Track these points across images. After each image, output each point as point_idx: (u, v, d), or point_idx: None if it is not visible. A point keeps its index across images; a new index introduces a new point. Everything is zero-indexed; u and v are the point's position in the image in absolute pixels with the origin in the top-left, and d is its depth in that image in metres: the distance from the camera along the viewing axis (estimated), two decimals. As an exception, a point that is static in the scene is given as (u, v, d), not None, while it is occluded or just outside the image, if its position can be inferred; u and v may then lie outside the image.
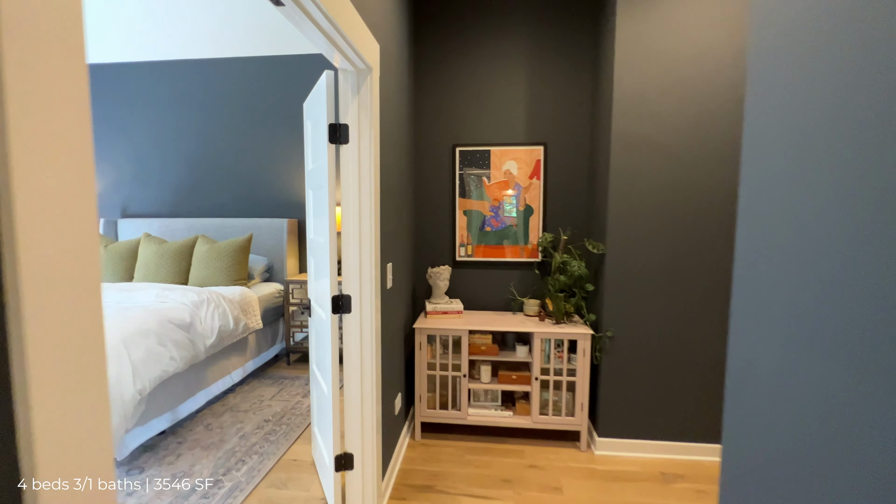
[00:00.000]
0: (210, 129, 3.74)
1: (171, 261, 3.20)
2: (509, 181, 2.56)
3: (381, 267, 1.74)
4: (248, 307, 3.00)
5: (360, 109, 1.58)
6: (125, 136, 3.82)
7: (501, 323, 2.32)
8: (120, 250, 3.28)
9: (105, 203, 3.92)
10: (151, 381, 2.05)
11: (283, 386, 3.00)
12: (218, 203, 3.80)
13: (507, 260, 2.59)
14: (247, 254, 3.27)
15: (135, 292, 2.63)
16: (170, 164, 3.81)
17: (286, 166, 3.70)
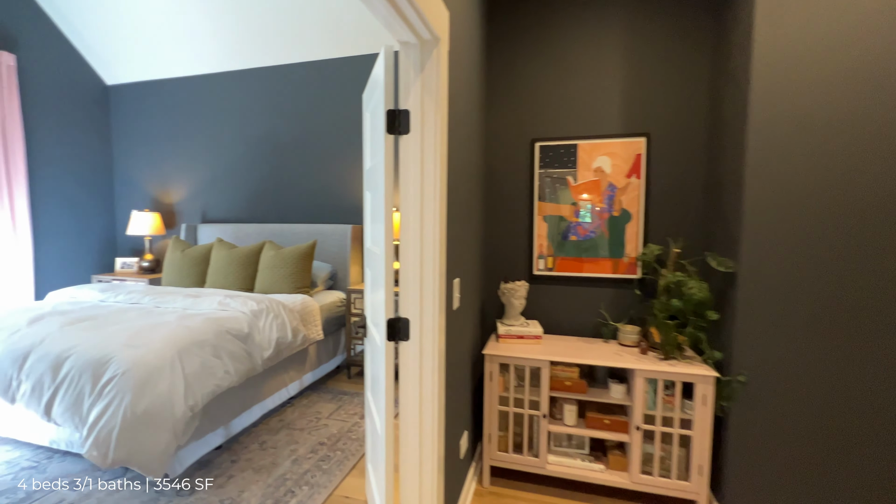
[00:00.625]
0: (279, 134, 3.75)
1: (239, 266, 3.19)
2: (600, 181, 2.13)
3: (446, 284, 1.42)
4: (309, 317, 2.87)
5: (423, 91, 1.29)
6: (207, 144, 3.96)
7: (591, 353, 1.89)
8: (194, 255, 3.35)
9: (187, 209, 4.10)
10: (204, 397, 1.93)
11: (341, 402, 2.82)
12: (285, 208, 3.79)
13: (597, 276, 2.15)
14: (310, 261, 3.16)
15: (201, 299, 2.60)
16: (244, 170, 3.88)
17: (349, 170, 3.57)
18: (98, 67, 4.09)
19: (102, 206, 4.22)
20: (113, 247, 4.33)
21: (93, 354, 1.89)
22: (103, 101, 4.20)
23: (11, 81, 3.43)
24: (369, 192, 1.63)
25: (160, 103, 4.08)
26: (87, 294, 2.83)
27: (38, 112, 3.68)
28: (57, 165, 3.84)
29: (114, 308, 2.48)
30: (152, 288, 2.98)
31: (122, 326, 2.13)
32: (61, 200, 3.88)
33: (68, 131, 3.91)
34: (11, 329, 2.15)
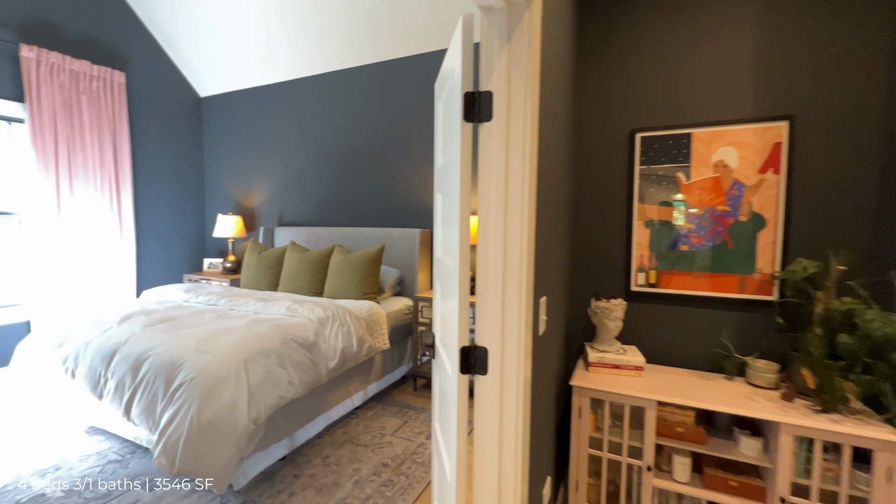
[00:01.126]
0: (350, 137, 3.72)
1: (310, 270, 3.17)
2: (722, 178, 1.71)
3: (532, 305, 1.16)
4: (375, 325, 2.75)
5: (510, 66, 1.03)
6: (284, 149, 4.07)
7: (712, 394, 1.50)
8: (269, 258, 3.41)
9: (266, 212, 4.24)
10: (267, 409, 1.85)
11: (407, 418, 2.65)
12: (356, 212, 3.75)
13: (715, 295, 1.73)
14: (378, 265, 3.05)
15: (271, 303, 2.58)
16: (317, 173, 3.91)
17: (419, 172, 3.42)
18: (193, 81, 4.40)
19: (194, 209, 4.53)
20: (202, 248, 4.63)
21: (167, 358, 1.89)
22: (196, 112, 4.51)
23: (121, 97, 3.78)
24: (440, 194, 1.42)
25: (243, 112, 4.28)
26: (173, 294, 2.97)
27: (142, 124, 4.03)
28: (157, 172, 4.17)
29: (193, 309, 2.55)
30: (229, 290, 3.06)
31: (197, 329, 2.14)
32: (160, 204, 4.21)
33: (167, 141, 4.25)
34: (104, 326, 2.27)
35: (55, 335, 2.32)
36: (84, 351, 2.14)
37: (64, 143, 3.42)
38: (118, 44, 3.81)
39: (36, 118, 3.25)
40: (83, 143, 3.55)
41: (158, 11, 3.86)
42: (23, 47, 3.16)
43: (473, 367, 1.09)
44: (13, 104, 3.22)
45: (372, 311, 2.76)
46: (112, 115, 3.73)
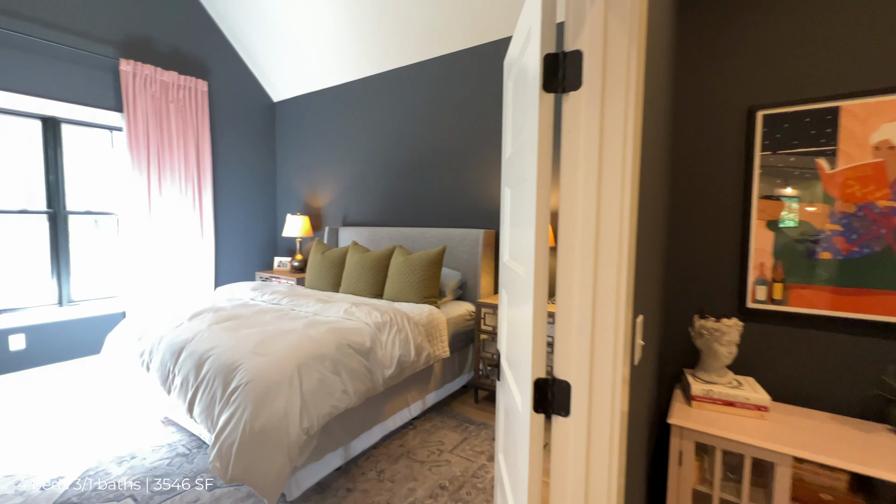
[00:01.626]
0: (412, 134, 3.60)
1: (370, 271, 3.10)
2: (887, 164, 1.30)
3: (629, 327, 0.89)
4: (435, 332, 2.58)
5: (608, 14, 0.78)
6: (347, 149, 4.08)
7: (871, 453, 1.11)
8: (332, 258, 3.40)
9: (331, 212, 4.29)
10: (320, 419, 1.75)
11: (467, 433, 2.45)
12: (417, 211, 3.63)
13: (874, 318, 1.32)
14: (439, 268, 2.89)
15: (330, 305, 2.52)
16: (379, 172, 3.86)
17: (483, 169, 3.21)
18: (267, 87, 4.59)
19: (266, 210, 4.73)
20: (273, 247, 4.82)
21: (226, 358, 1.87)
22: (270, 116, 4.70)
23: (204, 104, 4.02)
24: (509, 188, 1.20)
25: (312, 115, 4.37)
26: (242, 292, 3.05)
27: (221, 129, 4.26)
28: (234, 174, 4.40)
29: (256, 308, 2.57)
30: (293, 289, 3.07)
31: (257, 330, 2.12)
32: (236, 205, 4.43)
33: (243, 144, 4.46)
34: (176, 322, 2.34)
35: (136, 328, 2.45)
36: (157, 345, 2.21)
37: (154, 148, 3.69)
38: (202, 55, 4.05)
39: (132, 126, 3.53)
40: (170, 148, 3.81)
41: (237, 22, 4.05)
42: (122, 62, 3.46)
43: (551, 406, 0.86)
44: (114, 114, 3.53)
45: (432, 317, 2.60)
46: (195, 122, 3.98)
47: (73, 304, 3.42)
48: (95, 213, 3.57)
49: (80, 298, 3.49)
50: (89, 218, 3.55)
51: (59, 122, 3.31)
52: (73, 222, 3.44)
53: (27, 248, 3.24)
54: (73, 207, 3.43)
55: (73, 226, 3.45)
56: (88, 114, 3.39)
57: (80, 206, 3.48)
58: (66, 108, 3.28)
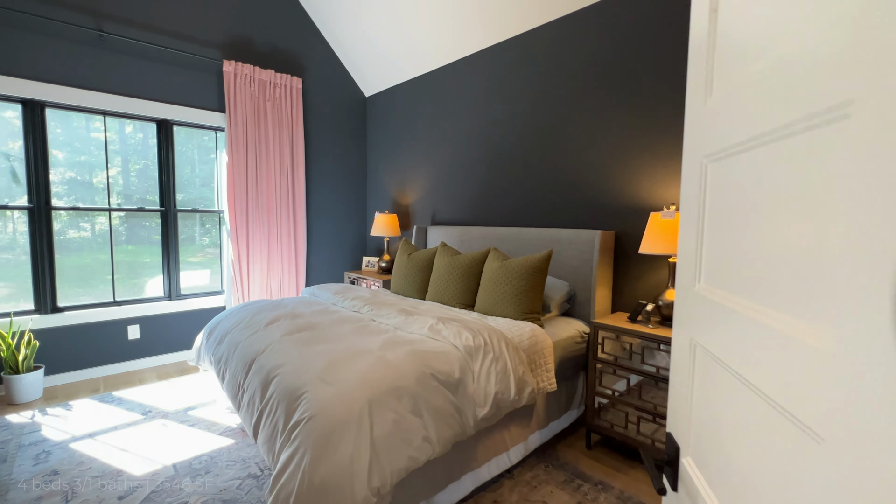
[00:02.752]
0: (511, 119, 3.09)
1: (460, 277, 2.67)
2: None
3: None
4: (539, 358, 2.06)
5: None
6: (438, 141, 3.72)
7: None
8: (419, 260, 3.05)
9: (419, 210, 3.98)
10: (394, 475, 1.36)
11: (580, 496, 1.89)
12: (514, 209, 3.11)
13: None
14: (543, 277, 2.35)
15: (414, 318, 2.15)
16: (472, 165, 3.43)
17: (602, 155, 2.58)
18: (360, 82, 4.45)
19: (357, 207, 4.61)
20: (363, 246, 4.69)
21: (291, 381, 1.58)
22: (362, 112, 4.56)
23: (298, 102, 3.98)
24: (729, 157, 0.64)
25: (401, 108, 4.10)
26: (324, 295, 2.85)
27: (314, 126, 4.21)
28: (326, 172, 4.33)
29: (335, 316, 2.30)
30: (376, 295, 2.78)
31: (330, 347, 1.82)
32: (328, 202, 4.37)
33: (335, 141, 4.38)
34: (254, 327, 2.16)
35: (217, 330, 2.34)
36: (233, 354, 2.04)
37: (252, 146, 3.72)
38: (297, 52, 4.02)
39: (232, 125, 3.59)
40: (267, 146, 3.82)
41: (332, 18, 3.93)
42: (224, 63, 3.51)
43: None
44: (217, 114, 3.62)
45: (535, 339, 2.08)
46: (290, 120, 3.95)
47: (180, 298, 3.58)
48: (201, 212, 3.70)
49: (187, 292, 3.64)
50: (195, 216, 3.70)
51: (171, 123, 3.46)
52: (181, 220, 3.59)
53: (141, 244, 3.45)
54: (182, 206, 3.58)
55: (182, 223, 3.60)
56: (195, 115, 3.51)
57: (189, 205, 3.63)
58: (176, 111, 3.41)
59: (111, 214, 3.27)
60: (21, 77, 2.79)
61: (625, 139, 2.47)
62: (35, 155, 2.91)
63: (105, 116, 3.19)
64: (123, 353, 3.30)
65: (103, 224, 3.24)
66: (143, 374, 3.25)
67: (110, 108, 3.13)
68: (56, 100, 2.92)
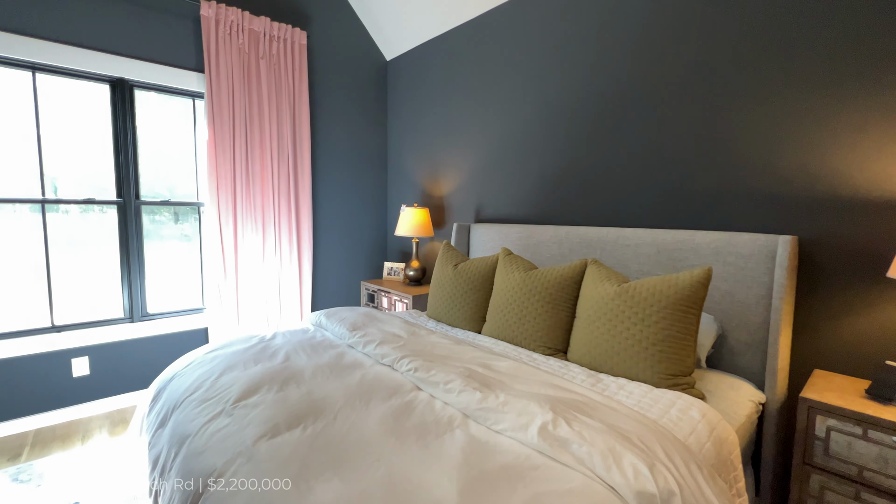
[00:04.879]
0: (599, 69, 2.13)
1: (544, 305, 1.74)
2: None
3: None
4: (727, 472, 1.13)
5: None
6: (485, 114, 2.77)
7: None
8: (472, 275, 2.12)
9: (457, 203, 3.05)
10: None
11: None
12: (609, 199, 2.16)
13: None
14: (698, 313, 1.42)
15: (496, 393, 1.22)
16: (538, 142, 2.48)
17: (778, 111, 1.61)
18: (379, 40, 3.51)
19: (375, 200, 3.69)
20: (382, 248, 3.77)
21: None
22: (381, 80, 3.62)
23: (302, 62, 3.06)
24: None
25: (432, 72, 3.15)
26: (337, 329, 1.92)
27: (322, 96, 3.29)
28: (337, 154, 3.42)
29: (354, 380, 1.38)
30: (415, 333, 1.85)
31: (352, 488, 0.90)
32: (339, 194, 3.46)
33: (349, 116, 3.45)
34: (216, 404, 1.26)
35: (164, 397, 1.44)
36: (172, 461, 1.13)
37: (241, 119, 2.81)
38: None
39: (214, 89, 2.68)
40: (261, 119, 2.91)
41: (343, -56, 3.00)
42: (203, 4, 2.60)
43: None
44: (194, 75, 2.71)
45: (717, 437, 1.15)
46: (291, 85, 3.03)
47: (146, 319, 2.71)
48: (174, 204, 2.82)
49: (155, 311, 2.77)
50: (167, 211, 2.81)
51: (131, 85, 2.57)
52: (147, 216, 2.71)
53: (91, 249, 2.57)
54: (147, 196, 2.69)
55: (148, 220, 2.72)
56: (164, 74, 2.60)
57: (156, 196, 2.74)
58: (137, 67, 2.51)
59: (45, 208, 2.39)
60: None
61: (823, 85, 1.50)
62: (-75, 122, 2.04)
63: (34, 72, 2.30)
64: (65, 395, 2.44)
65: (32, 220, 2.37)
66: (91, 425, 2.38)
67: (43, 61, 2.25)
68: (-44, 44, 2.04)
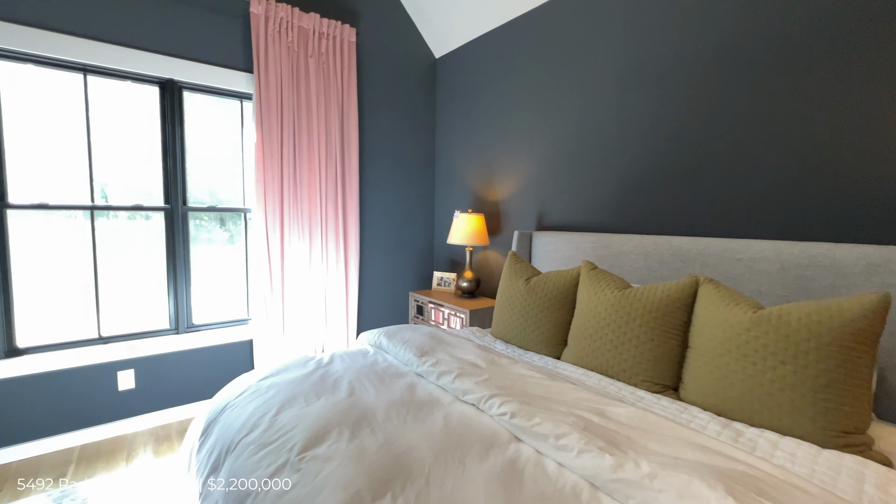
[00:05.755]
0: (688, 68, 1.82)
1: (649, 334, 1.46)
2: None
3: None
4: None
5: None
6: (545, 110, 2.51)
7: None
8: (548, 291, 1.86)
9: (516, 209, 2.79)
10: None
11: None
12: (717, 207, 1.84)
13: None
14: (873, 349, 1.10)
15: (629, 457, 0.95)
16: (613, 143, 2.19)
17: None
18: (428, 37, 3.31)
19: (423, 205, 3.48)
20: (429, 256, 3.56)
21: None
22: (430, 78, 3.42)
23: (351, 60, 2.90)
24: None
25: (485, 65, 2.92)
26: (401, 352, 1.70)
27: (370, 95, 3.12)
28: (384, 157, 3.24)
29: (436, 427, 1.14)
30: (494, 362, 1.60)
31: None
32: (386, 198, 3.27)
33: (397, 117, 3.27)
34: (277, 451, 1.05)
35: (216, 435, 1.25)
36: None
37: (290, 121, 2.67)
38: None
39: (262, 90, 2.55)
40: (309, 121, 2.77)
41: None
42: (252, 2, 2.48)
43: None
44: (242, 75, 2.59)
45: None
46: (340, 85, 2.88)
47: (192, 330, 2.59)
48: (221, 211, 2.70)
49: (200, 322, 2.65)
50: (208, 216, 2.69)
51: (180, 86, 2.47)
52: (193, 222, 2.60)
53: (134, 256, 2.47)
54: (194, 202, 2.59)
55: (194, 227, 2.61)
56: (212, 75, 2.49)
57: (198, 201, 2.63)
58: (186, 68, 2.41)
59: (94, 214, 2.31)
60: (-47, 8, 1.86)
61: None
62: (-21, 127, 1.98)
63: (86, 74, 2.23)
64: (111, 409, 2.34)
65: (82, 227, 2.29)
66: (136, 443, 2.27)
67: (94, 62, 2.17)
68: (11, 45, 1.97)
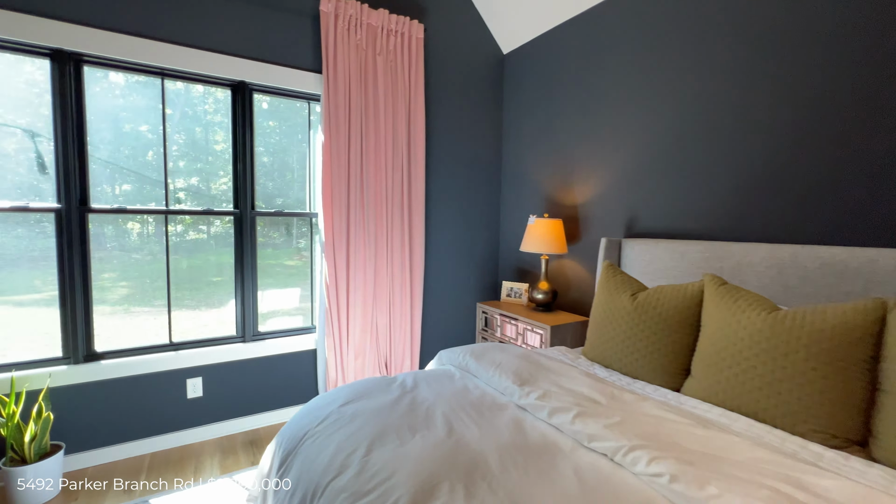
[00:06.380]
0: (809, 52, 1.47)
1: (821, 371, 1.14)
2: None
3: None
4: None
5: None
6: (631, 106, 2.21)
7: None
8: (663, 310, 1.57)
9: (600, 213, 2.50)
10: None
11: None
12: (825, 210, 1.48)
13: None
14: None
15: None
16: (715, 141, 1.86)
17: None
18: (496, 32, 3.12)
19: (489, 210, 3.27)
20: (495, 265, 3.33)
21: None
22: (497, 75, 3.22)
23: (418, 58, 2.76)
24: None
25: (560, 60, 2.66)
26: (494, 377, 1.47)
27: (436, 95, 2.96)
28: (450, 158, 3.06)
29: (569, 487, 0.90)
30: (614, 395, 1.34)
31: None
32: (453, 203, 3.09)
33: (463, 116, 3.09)
34: (342, 452, 0.86)
35: (296, 468, 1.09)
36: None
37: (357, 122, 2.56)
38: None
39: (331, 91, 2.45)
40: (376, 122, 2.64)
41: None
42: (322, 1, 2.40)
43: None
44: (311, 76, 2.51)
45: None
46: (407, 84, 2.74)
47: (258, 339, 2.52)
48: (288, 215, 2.63)
49: (265, 330, 2.58)
50: (277, 221, 2.63)
51: (251, 88, 2.42)
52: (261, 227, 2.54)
53: (200, 260, 2.44)
54: (262, 206, 2.53)
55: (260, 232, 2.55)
56: (282, 76, 2.43)
57: (269, 205, 2.57)
58: (256, 70, 2.36)
59: (167, 219, 2.29)
60: (46, 16, 1.89)
61: None
62: (65, 133, 2.00)
63: (163, 77, 2.22)
64: (179, 418, 2.30)
65: (153, 229, 2.28)
66: (202, 454, 2.20)
67: (171, 66, 2.15)
68: (96, 51, 1.98)
